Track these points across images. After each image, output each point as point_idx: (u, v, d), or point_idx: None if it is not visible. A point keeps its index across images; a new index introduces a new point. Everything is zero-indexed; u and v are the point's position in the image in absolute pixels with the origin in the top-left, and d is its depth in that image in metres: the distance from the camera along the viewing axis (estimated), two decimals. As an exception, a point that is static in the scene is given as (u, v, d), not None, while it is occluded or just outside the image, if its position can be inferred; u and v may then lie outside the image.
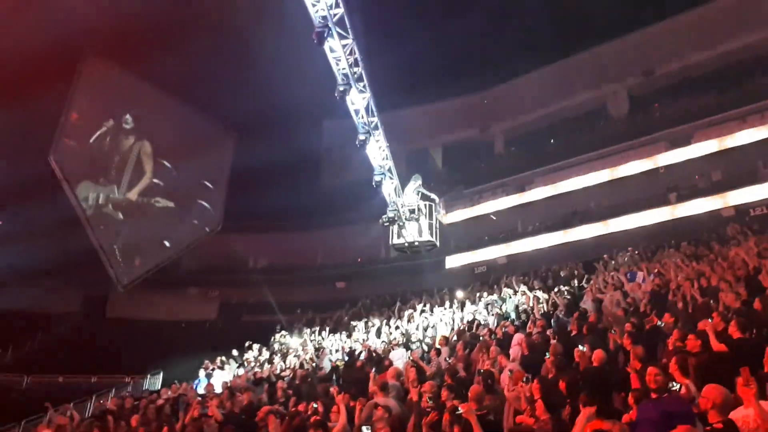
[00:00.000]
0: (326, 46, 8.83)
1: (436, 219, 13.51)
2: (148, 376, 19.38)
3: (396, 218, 12.45)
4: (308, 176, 27.75)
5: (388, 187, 11.96)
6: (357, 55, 9.30)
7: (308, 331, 19.28)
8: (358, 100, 10.01)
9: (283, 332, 19.61)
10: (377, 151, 11.28)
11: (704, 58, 22.58)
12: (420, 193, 13.20)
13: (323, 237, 28.85)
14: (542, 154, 25.35)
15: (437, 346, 10.55)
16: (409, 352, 11.92)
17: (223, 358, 16.82)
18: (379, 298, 23.70)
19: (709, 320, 6.54)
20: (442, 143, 29.55)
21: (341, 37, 8.85)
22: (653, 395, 4.68)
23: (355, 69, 9.45)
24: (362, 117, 10.35)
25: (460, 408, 5.08)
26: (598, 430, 4.08)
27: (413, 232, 12.94)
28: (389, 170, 11.74)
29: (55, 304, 24.62)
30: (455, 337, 11.42)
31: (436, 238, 13.23)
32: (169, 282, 26.06)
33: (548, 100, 26.01)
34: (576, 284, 15.09)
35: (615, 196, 22.14)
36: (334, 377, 11.34)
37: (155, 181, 25.70)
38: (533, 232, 23.67)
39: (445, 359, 9.53)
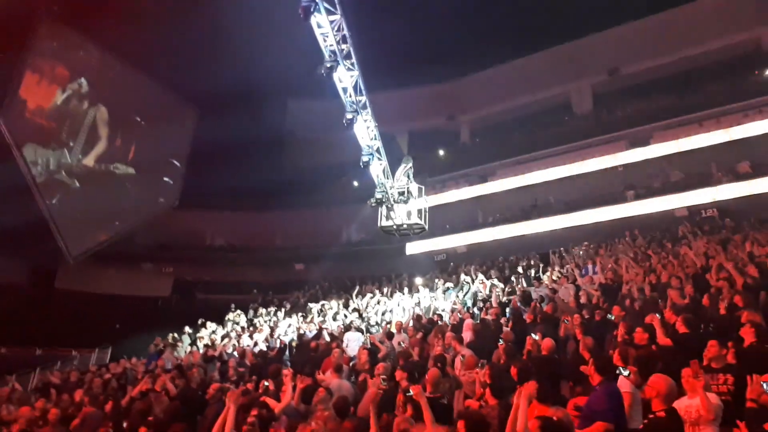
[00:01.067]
0: (313, 22, 8.56)
1: (426, 202, 13.23)
2: (96, 350, 18.89)
3: (384, 200, 12.15)
4: (271, 156, 27.34)
5: (377, 168, 11.66)
6: (345, 31, 9.03)
7: (264, 311, 19.12)
8: (346, 78, 9.70)
9: (238, 311, 19.38)
10: (365, 131, 10.96)
11: (667, 61, 23.13)
12: (410, 176, 12.94)
13: (283, 218, 28.55)
14: (506, 147, 25.58)
15: (392, 330, 10.60)
16: (367, 335, 11.98)
17: (175, 335, 16.56)
18: (337, 281, 23.65)
19: (657, 315, 6.74)
20: (409, 130, 29.50)
21: (329, 12, 8.60)
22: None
23: (343, 46, 9.19)
24: (350, 95, 10.02)
25: (411, 390, 5.09)
26: (542, 416, 4.13)
27: (402, 215, 12.67)
28: (377, 151, 11.49)
29: (1, 274, 23.73)
30: (411, 323, 11.49)
31: (425, 221, 13.00)
32: (122, 256, 25.37)
33: (515, 93, 26.25)
34: (532, 275, 15.36)
35: (574, 192, 22.55)
36: (287, 356, 11.27)
37: (112, 148, 24.82)
38: (493, 223, 23.93)
39: (400, 343, 9.58)
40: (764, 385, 3.71)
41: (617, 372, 4.79)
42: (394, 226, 12.91)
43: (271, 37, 20.03)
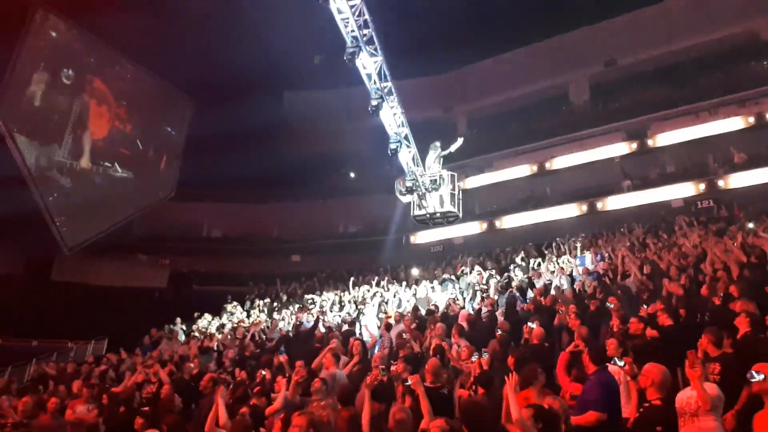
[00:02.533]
0: (333, 7, 8.36)
1: (459, 189, 12.71)
2: (93, 342, 18.88)
3: (414, 188, 11.74)
4: (267, 147, 27.12)
5: (405, 156, 11.24)
6: (366, 16, 8.82)
7: (261, 303, 19.11)
8: (369, 64, 9.43)
9: (234, 303, 19.37)
10: (392, 118, 10.61)
11: (664, 52, 23.05)
12: (441, 161, 12.47)
13: (280, 209, 28.47)
14: (503, 138, 25.53)
15: (390, 321, 10.61)
16: (363, 325, 11.98)
17: (172, 326, 16.55)
18: (334, 273, 23.64)
19: (644, 306, 6.79)
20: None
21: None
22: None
23: (365, 31, 8.98)
24: (374, 82, 9.70)
25: (409, 380, 5.09)
26: (535, 404, 4.14)
27: (434, 203, 12.24)
28: (405, 138, 11.09)
29: (-3, 265, 23.67)
30: (408, 314, 11.50)
31: (458, 209, 12.53)
32: (118, 247, 25.27)
33: (512, 84, 26.15)
34: (529, 266, 15.38)
35: (571, 182, 22.56)
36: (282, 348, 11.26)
37: (107, 141, 24.62)
38: (490, 214, 23.93)
39: (402, 334, 9.59)
40: (755, 374, 3.71)
41: (612, 362, 4.81)
42: (427, 215, 12.46)
43: (267, 27, 19.88)
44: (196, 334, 15.75)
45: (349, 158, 28.99)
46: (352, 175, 29.32)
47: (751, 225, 12.95)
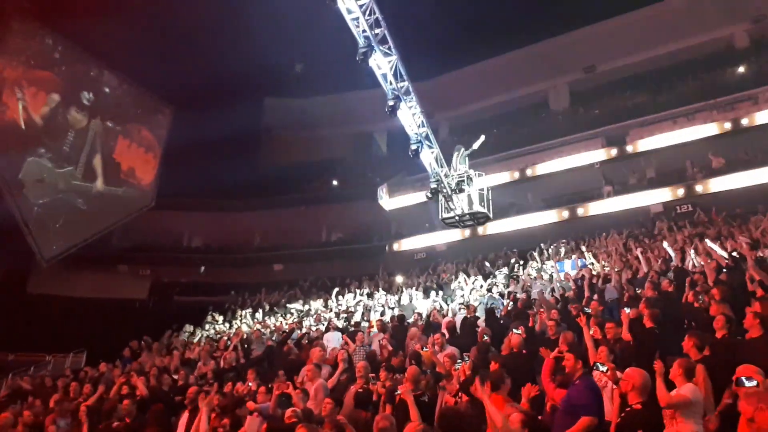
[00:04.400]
0: (342, 7, 8.20)
1: (487, 189, 12.48)
2: (71, 355, 18.53)
3: (440, 189, 11.41)
4: (248, 155, 27.02)
5: (428, 157, 10.93)
6: (378, 14, 8.59)
7: (243, 313, 18.94)
8: (384, 64, 9.21)
9: (215, 314, 19.17)
10: (411, 118, 10.32)
11: (642, 59, 23.44)
12: (467, 161, 12.16)
13: (261, 218, 28.25)
14: (484, 144, 25.50)
15: (373, 330, 10.59)
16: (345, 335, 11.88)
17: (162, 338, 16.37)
18: (317, 281, 23.52)
19: (625, 310, 6.88)
20: (387, 128, 29.38)
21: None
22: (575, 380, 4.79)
23: (377, 30, 8.77)
24: (390, 82, 9.47)
25: (398, 389, 5.08)
26: (525, 411, 4.15)
27: (463, 204, 11.93)
28: (427, 137, 10.78)
29: (-31, 278, 23.13)
30: (391, 322, 11.47)
31: (488, 209, 12.26)
32: (97, 258, 24.78)
33: (493, 92, 26.35)
34: (511, 273, 15.45)
35: (552, 189, 22.71)
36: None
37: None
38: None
39: (379, 342, 9.56)
40: (746, 381, 3.70)
41: (595, 367, 4.82)
42: (456, 217, 12.15)
43: (248, 34, 19.83)
44: (177, 345, 15.56)
45: (331, 165, 28.96)
46: (335, 182, 29.28)
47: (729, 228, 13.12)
